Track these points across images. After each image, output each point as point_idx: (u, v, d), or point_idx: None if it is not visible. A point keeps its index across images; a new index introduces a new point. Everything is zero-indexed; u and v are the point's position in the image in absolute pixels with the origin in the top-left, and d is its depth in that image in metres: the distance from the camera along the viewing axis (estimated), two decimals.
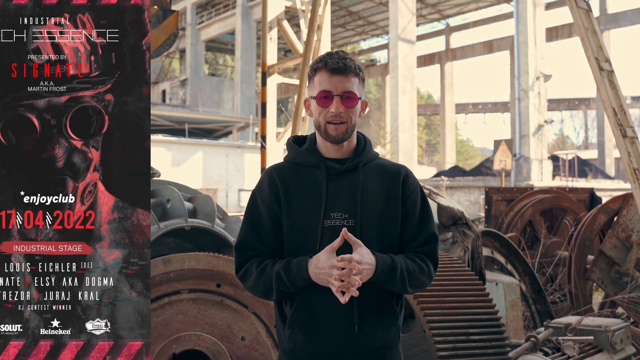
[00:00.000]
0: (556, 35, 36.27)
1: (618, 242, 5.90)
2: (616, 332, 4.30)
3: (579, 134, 64.73)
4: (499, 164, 16.07)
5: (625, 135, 5.14)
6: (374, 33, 48.79)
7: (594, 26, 5.39)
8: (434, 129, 66.17)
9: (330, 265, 2.01)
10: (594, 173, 33.64)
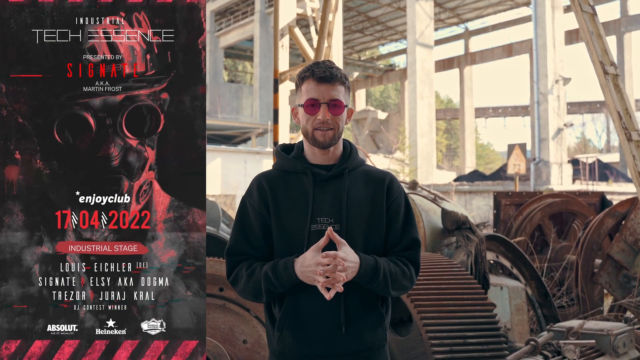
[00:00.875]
0: (576, 38, 35.99)
1: (626, 246, 5.88)
2: (619, 335, 4.28)
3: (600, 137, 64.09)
4: (513, 169, 15.99)
5: (631, 139, 5.13)
6: (392, 38, 48.81)
7: (599, 30, 5.40)
8: (453, 133, 65.88)
9: (315, 263, 2.06)
10: (615, 176, 33.25)
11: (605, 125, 60.29)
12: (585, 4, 5.42)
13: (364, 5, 40.21)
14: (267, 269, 2.16)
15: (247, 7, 42.72)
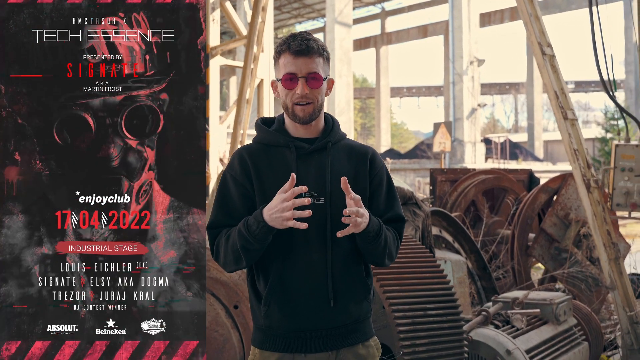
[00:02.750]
0: (489, 21, 37.14)
1: (557, 220, 6.16)
2: (560, 304, 4.51)
3: (509, 117, 66.74)
4: (439, 146, 16.43)
5: (566, 118, 5.35)
6: (309, 16, 48.67)
7: (536, 12, 5.56)
8: (368, 112, 66.81)
9: (280, 200, 2.01)
10: (524, 155, 34.80)
11: (513, 106, 62.84)
12: None
13: None
14: (239, 226, 2.11)
15: None
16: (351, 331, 2.24)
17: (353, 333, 2.25)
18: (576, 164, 5.26)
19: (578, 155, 5.27)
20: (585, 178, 5.24)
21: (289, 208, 2.00)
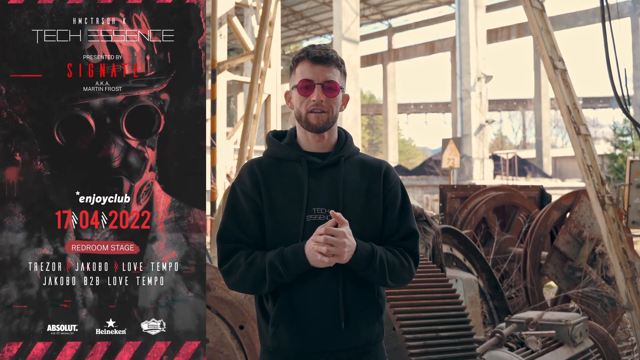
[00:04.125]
0: (496, 37, 37.14)
1: (571, 238, 6.03)
2: (576, 325, 4.38)
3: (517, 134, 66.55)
4: (448, 163, 16.30)
5: (579, 133, 5.23)
6: (317, 33, 48.85)
7: (547, 26, 5.48)
8: (376, 128, 66.84)
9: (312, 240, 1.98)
10: (533, 172, 34.61)
11: (521, 122, 62.65)
12: (535, 0, 5.48)
13: None
14: (273, 258, 2.04)
15: None
16: (362, 354, 2.15)
17: (364, 356, 2.16)
18: (590, 180, 5.14)
19: (592, 172, 5.15)
20: (600, 195, 5.12)
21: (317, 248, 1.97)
